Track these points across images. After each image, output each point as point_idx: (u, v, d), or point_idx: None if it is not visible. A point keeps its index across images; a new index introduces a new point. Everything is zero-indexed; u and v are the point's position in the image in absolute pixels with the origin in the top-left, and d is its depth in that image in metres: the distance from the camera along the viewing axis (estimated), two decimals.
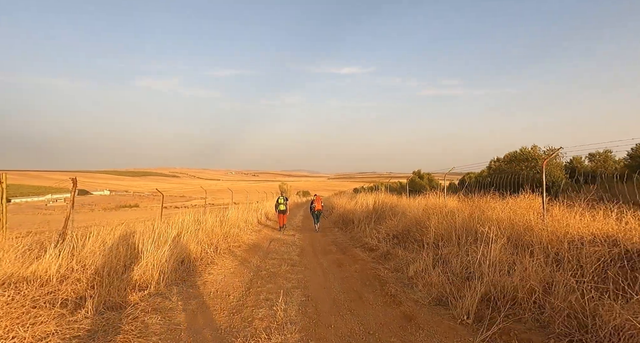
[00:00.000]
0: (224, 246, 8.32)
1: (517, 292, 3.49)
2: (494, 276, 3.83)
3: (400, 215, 9.11)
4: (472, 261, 4.65)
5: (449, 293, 4.17)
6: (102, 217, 42.35)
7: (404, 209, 11.51)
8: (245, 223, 13.53)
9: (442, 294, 4.30)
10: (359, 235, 10.29)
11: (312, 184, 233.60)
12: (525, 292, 3.44)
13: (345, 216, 14.41)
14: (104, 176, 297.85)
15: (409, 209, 10.74)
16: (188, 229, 7.99)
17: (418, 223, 7.75)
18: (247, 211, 15.12)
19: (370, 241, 8.54)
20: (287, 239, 10.78)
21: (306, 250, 8.93)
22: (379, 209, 13.58)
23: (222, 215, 12.90)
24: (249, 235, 11.28)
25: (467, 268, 4.73)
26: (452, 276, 4.81)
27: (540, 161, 13.34)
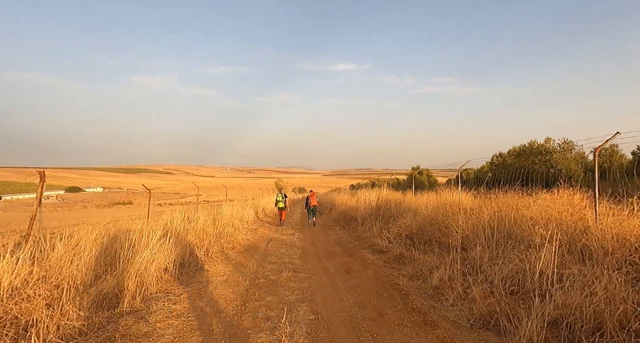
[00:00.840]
0: (217, 248, 7.41)
1: (603, 318, 2.63)
2: (564, 294, 2.97)
3: (413, 212, 8.26)
4: (520, 271, 3.79)
5: (499, 313, 3.31)
6: (94, 215, 41.21)
7: (414, 206, 10.70)
8: (240, 221, 12.61)
9: (488, 313, 3.44)
10: (365, 235, 9.43)
11: (308, 180, 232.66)
12: (615, 318, 2.59)
13: (347, 214, 13.54)
14: (97, 173, 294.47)
15: (420, 207, 9.92)
16: (175, 230, 7.07)
17: (435, 221, 6.89)
18: (242, 208, 14.19)
19: (379, 242, 7.67)
20: (286, 239, 9.89)
21: (308, 251, 8.05)
22: (383, 207, 12.74)
23: (216, 213, 11.99)
24: (244, 234, 10.37)
25: (512, 278, 3.87)
26: (492, 287, 3.96)
27: (555, 154, 12.58)
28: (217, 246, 7.67)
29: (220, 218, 10.78)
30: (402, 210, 10.71)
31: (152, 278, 4.71)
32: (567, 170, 11.71)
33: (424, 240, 6.85)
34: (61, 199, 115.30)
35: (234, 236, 9.42)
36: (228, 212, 12.70)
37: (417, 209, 10.36)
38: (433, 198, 11.18)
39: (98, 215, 42.01)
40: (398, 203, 12.36)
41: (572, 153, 12.61)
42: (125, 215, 32.49)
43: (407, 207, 10.92)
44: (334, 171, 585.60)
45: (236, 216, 12.75)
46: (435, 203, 9.72)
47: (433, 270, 5.15)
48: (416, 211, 8.54)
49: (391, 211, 11.17)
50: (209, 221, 9.53)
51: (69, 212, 59.76)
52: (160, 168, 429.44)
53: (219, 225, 9.92)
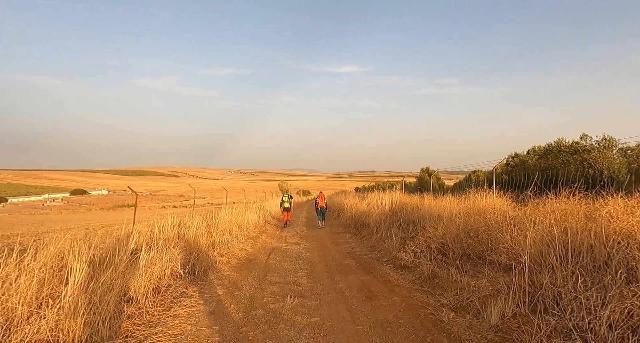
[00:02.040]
0: (207, 263, 6.15)
1: None
2: None
3: (443, 220, 6.95)
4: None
5: None
6: (96, 217, 40.22)
7: (435, 211, 9.44)
8: (239, 227, 11.37)
9: None
10: (382, 245, 8.13)
11: (312, 183, 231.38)
12: None
13: (357, 219, 12.25)
14: (102, 176, 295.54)
15: (444, 213, 8.65)
16: (157, 242, 5.83)
17: (474, 232, 5.58)
18: (242, 212, 12.97)
19: (402, 256, 6.38)
20: (290, 249, 8.61)
21: (317, 266, 6.77)
22: (398, 212, 11.46)
23: (212, 218, 10.79)
24: (242, 243, 9.12)
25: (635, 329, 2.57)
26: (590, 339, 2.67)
27: (594, 153, 11.19)
28: (209, 259, 6.41)
29: (217, 225, 9.56)
30: (422, 216, 9.43)
31: (109, 314, 3.45)
32: (608, 171, 10.34)
33: (459, 255, 5.55)
34: (66, 202, 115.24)
35: (231, 247, 8.17)
36: (226, 217, 11.50)
37: (441, 215, 9.11)
38: (456, 202, 9.92)
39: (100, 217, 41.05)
40: (415, 208, 11.08)
41: (612, 151, 11.23)
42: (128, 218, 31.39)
43: (428, 212, 9.64)
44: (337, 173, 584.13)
45: (235, 222, 11.53)
46: (463, 208, 8.45)
47: (487, 300, 3.86)
48: (447, 219, 7.25)
49: (410, 217, 9.89)
50: (202, 229, 8.31)
51: (73, 214, 59.12)
52: (165, 170, 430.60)
53: (215, 232, 8.70)
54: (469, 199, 8.83)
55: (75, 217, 49.05)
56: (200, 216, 10.22)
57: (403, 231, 8.54)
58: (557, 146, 14.56)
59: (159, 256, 5.10)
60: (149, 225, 7.74)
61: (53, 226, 30.58)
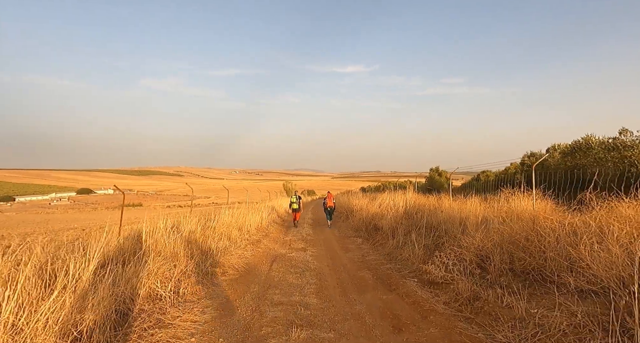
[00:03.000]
0: (197, 278, 5.14)
1: None
2: None
3: (485, 226, 5.86)
4: None
5: None
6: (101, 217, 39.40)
7: (457, 215, 8.41)
8: (239, 230, 10.37)
9: None
10: (400, 254, 7.07)
11: (316, 183, 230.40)
12: None
13: (369, 222, 11.19)
14: (108, 175, 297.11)
15: (469, 216, 7.62)
16: (137, 252, 4.84)
17: (526, 243, 4.50)
18: (244, 214, 11.98)
19: (430, 269, 5.32)
20: (296, 257, 7.59)
21: (327, 279, 5.74)
22: (414, 214, 10.41)
23: (211, 219, 9.85)
24: (242, 249, 8.11)
25: None
26: None
27: (637, 149, 10.04)
28: (199, 271, 5.40)
29: (214, 228, 8.58)
30: (444, 220, 8.38)
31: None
32: None
33: (505, 271, 4.49)
34: (73, 201, 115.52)
35: (228, 254, 7.17)
36: (226, 219, 10.53)
37: (465, 220, 8.08)
38: (482, 204, 8.87)
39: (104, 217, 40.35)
40: (433, 210, 10.02)
41: None
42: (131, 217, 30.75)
43: (449, 216, 8.59)
44: (342, 173, 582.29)
45: (235, 225, 10.54)
46: (493, 211, 7.39)
47: (566, 341, 2.80)
48: (475, 223, 6.18)
49: (429, 221, 8.84)
50: (197, 233, 7.34)
51: (79, 214, 58.83)
52: (171, 170, 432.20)
53: (211, 237, 7.71)
54: (498, 201, 7.75)
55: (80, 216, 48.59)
56: (197, 219, 9.29)
57: (424, 237, 7.48)
58: (585, 142, 13.40)
59: (134, 271, 4.10)
60: (135, 229, 6.81)
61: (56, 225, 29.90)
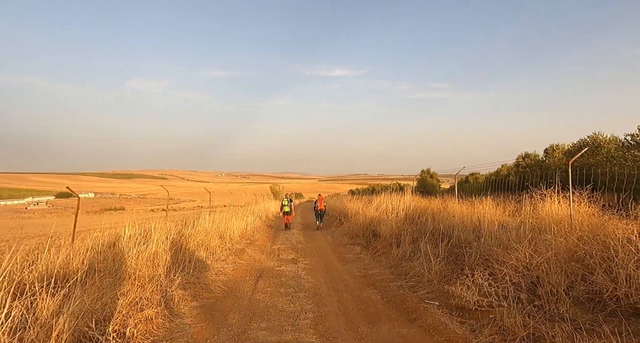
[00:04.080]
0: (155, 309, 3.88)
1: None
2: None
3: (518, 236, 4.77)
4: None
5: None
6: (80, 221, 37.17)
7: (468, 219, 7.39)
8: (220, 238, 9.11)
9: None
10: (410, 267, 5.93)
11: (304, 186, 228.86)
12: None
13: (366, 228, 10.06)
14: (90, 178, 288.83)
15: (484, 222, 6.60)
16: None
17: (594, 261, 3.43)
18: (227, 218, 10.72)
19: (457, 291, 4.20)
20: (286, 271, 6.37)
21: (326, 304, 4.57)
22: (416, 219, 9.37)
23: (189, 225, 8.60)
24: (222, 262, 6.87)
25: None
26: None
27: None
28: (159, 302, 4.15)
29: (188, 237, 7.31)
30: (453, 225, 7.36)
31: None
32: None
33: (561, 296, 3.41)
34: (51, 205, 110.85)
35: (204, 269, 5.92)
36: (206, 226, 9.27)
37: (478, 225, 7.11)
38: (495, 207, 7.89)
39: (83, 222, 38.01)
40: (438, 214, 8.99)
41: None
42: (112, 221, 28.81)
43: (460, 221, 7.57)
44: (329, 176, 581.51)
45: (216, 232, 9.29)
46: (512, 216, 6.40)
47: None
48: (490, 229, 5.11)
49: (437, 227, 7.79)
50: (166, 245, 6.06)
51: (58, 218, 55.97)
52: (155, 173, 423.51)
53: (185, 248, 6.46)
54: (524, 204, 6.72)
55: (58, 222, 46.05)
56: (173, 225, 8.05)
57: (433, 244, 6.39)
58: (592, 141, 12.63)
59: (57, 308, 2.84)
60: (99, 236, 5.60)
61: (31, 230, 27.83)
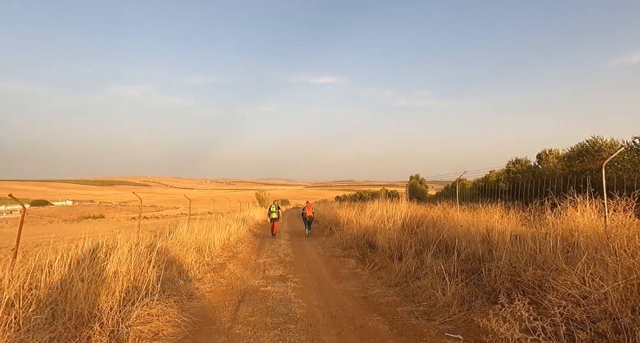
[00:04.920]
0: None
1: None
2: None
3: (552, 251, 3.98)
4: None
5: None
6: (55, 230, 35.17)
7: (472, 229, 6.65)
8: (198, 252, 8.10)
9: None
10: (419, 287, 5.08)
11: (290, 192, 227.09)
12: None
13: (360, 238, 9.20)
14: (68, 186, 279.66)
15: (497, 233, 5.86)
16: None
17: None
18: (207, 228, 9.70)
19: (493, 326, 3.36)
20: (273, 292, 5.41)
21: (323, 339, 3.66)
22: (414, 227, 8.61)
23: (166, 236, 7.63)
24: (198, 282, 5.88)
25: None
26: None
27: None
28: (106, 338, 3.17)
29: (158, 251, 6.30)
30: (458, 235, 6.60)
31: None
32: None
33: None
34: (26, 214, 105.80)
35: (175, 293, 4.93)
36: (183, 237, 8.27)
37: (488, 235, 6.41)
38: (506, 216, 7.17)
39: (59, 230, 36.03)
40: (439, 223, 8.24)
41: None
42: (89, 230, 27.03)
43: (466, 231, 6.82)
44: (315, 182, 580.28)
45: (193, 243, 8.28)
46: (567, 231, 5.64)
47: None
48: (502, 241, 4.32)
49: (438, 237, 7.02)
50: (130, 262, 5.05)
51: (32, 227, 53.21)
52: (137, 180, 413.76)
53: (152, 266, 5.45)
54: (537, 212, 5.99)
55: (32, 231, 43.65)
56: (146, 235, 7.07)
57: (440, 258, 5.57)
58: (591, 145, 12.17)
59: None
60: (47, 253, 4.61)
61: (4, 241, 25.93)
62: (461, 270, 5.20)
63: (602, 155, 11.29)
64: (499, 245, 6.03)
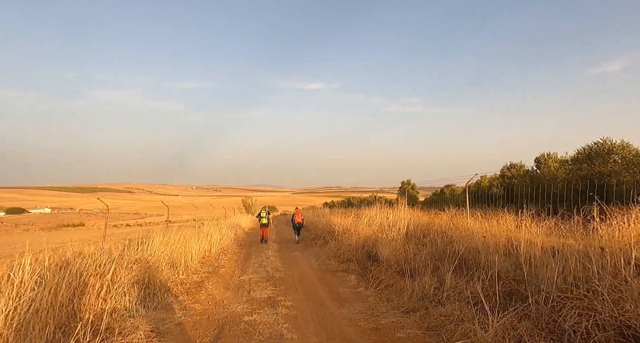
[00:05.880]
0: None
1: None
2: None
3: None
4: None
5: None
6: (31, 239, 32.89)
7: (488, 240, 5.73)
8: (172, 267, 6.90)
9: None
10: (446, 317, 4.03)
11: (278, 199, 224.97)
12: None
13: (359, 249, 8.13)
14: (46, 193, 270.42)
15: (524, 246, 4.95)
16: None
17: None
18: (186, 238, 8.50)
19: None
20: (260, 323, 4.27)
21: None
22: (420, 237, 7.62)
23: (135, 247, 6.46)
24: (165, 309, 4.70)
25: None
26: None
27: None
28: None
29: (121, 269, 5.13)
30: (478, 248, 5.66)
31: None
32: None
33: None
34: (1, 222, 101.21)
35: (129, 332, 3.75)
36: (154, 250, 7.08)
37: (519, 247, 5.49)
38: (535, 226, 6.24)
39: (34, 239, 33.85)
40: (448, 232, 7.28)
41: None
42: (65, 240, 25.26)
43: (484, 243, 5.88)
44: (303, 189, 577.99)
45: (167, 258, 7.08)
46: None
47: None
48: None
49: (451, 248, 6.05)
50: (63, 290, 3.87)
51: (7, 236, 50.38)
52: (120, 187, 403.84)
53: (105, 291, 4.29)
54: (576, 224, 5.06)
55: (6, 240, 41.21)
56: (114, 246, 5.89)
57: (462, 276, 4.55)
58: (600, 148, 11.45)
59: None
60: None
61: None
62: (493, 292, 4.19)
63: (614, 158, 10.60)
64: (531, 261, 5.08)
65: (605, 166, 10.75)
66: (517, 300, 3.78)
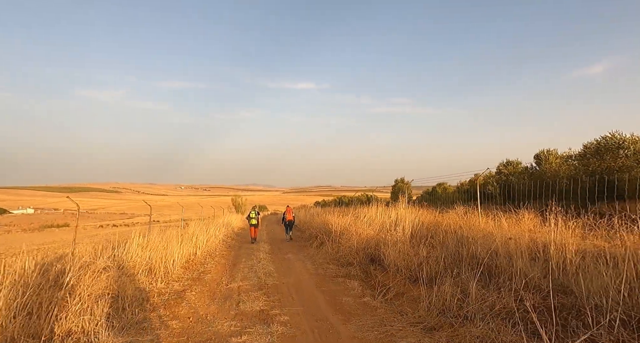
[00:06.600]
0: None
1: None
2: None
3: None
4: None
5: None
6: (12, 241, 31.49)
7: (520, 244, 5.04)
8: (149, 275, 6.04)
9: None
10: (478, 338, 3.31)
11: (268, 198, 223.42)
12: None
13: (360, 251, 7.37)
14: (29, 193, 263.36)
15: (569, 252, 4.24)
16: None
17: None
18: (167, 241, 7.64)
19: None
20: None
21: None
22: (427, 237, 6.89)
23: (104, 254, 5.62)
24: (134, 328, 3.87)
25: None
26: None
27: None
28: None
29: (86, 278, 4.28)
30: (497, 250, 4.98)
31: None
32: None
33: None
34: None
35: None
36: (131, 255, 6.23)
37: (548, 250, 4.82)
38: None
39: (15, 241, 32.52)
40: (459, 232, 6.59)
41: None
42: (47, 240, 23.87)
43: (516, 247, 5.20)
44: (294, 188, 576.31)
45: (144, 264, 6.24)
46: None
47: None
48: None
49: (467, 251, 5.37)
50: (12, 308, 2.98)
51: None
52: (107, 186, 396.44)
53: (59, 310, 3.43)
54: None
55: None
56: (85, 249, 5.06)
57: (486, 285, 3.84)
58: (610, 142, 10.90)
59: None
60: None
61: None
62: (534, 307, 3.47)
63: (625, 152, 10.07)
64: (564, 266, 4.40)
65: (616, 161, 10.21)
66: (572, 319, 3.06)
